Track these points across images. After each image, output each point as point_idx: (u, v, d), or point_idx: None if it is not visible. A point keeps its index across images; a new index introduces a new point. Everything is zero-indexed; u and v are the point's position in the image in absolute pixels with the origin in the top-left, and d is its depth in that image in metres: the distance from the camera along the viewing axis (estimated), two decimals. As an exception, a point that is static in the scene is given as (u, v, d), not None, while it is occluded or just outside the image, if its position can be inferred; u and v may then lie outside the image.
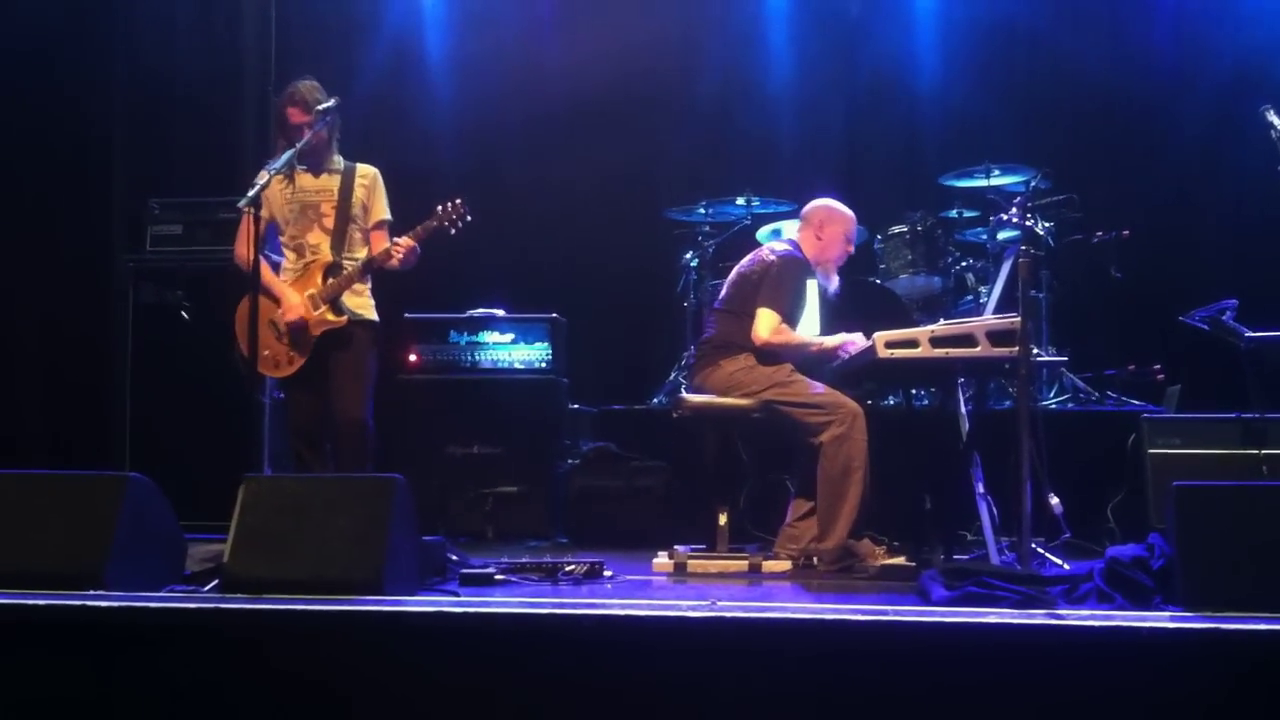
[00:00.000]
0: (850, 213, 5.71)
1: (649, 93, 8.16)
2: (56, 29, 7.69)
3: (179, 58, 7.86)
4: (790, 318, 5.48)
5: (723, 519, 5.36)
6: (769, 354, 5.43)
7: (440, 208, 5.28)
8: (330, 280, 5.25)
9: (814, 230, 5.65)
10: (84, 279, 7.44)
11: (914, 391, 6.22)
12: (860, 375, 5.53)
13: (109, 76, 7.83)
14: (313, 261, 5.29)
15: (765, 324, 5.40)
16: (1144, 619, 3.44)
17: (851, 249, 5.76)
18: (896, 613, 3.47)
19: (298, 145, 5.11)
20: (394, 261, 5.22)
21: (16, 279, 7.60)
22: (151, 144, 7.76)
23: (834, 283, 5.72)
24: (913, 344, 4.79)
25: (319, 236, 5.32)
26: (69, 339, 7.47)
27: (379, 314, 5.44)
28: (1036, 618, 3.43)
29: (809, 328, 5.78)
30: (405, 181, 5.72)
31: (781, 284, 5.47)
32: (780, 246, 5.69)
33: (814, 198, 5.82)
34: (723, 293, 5.75)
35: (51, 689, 3.54)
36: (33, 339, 7.60)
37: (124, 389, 6.42)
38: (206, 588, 4.01)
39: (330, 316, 5.23)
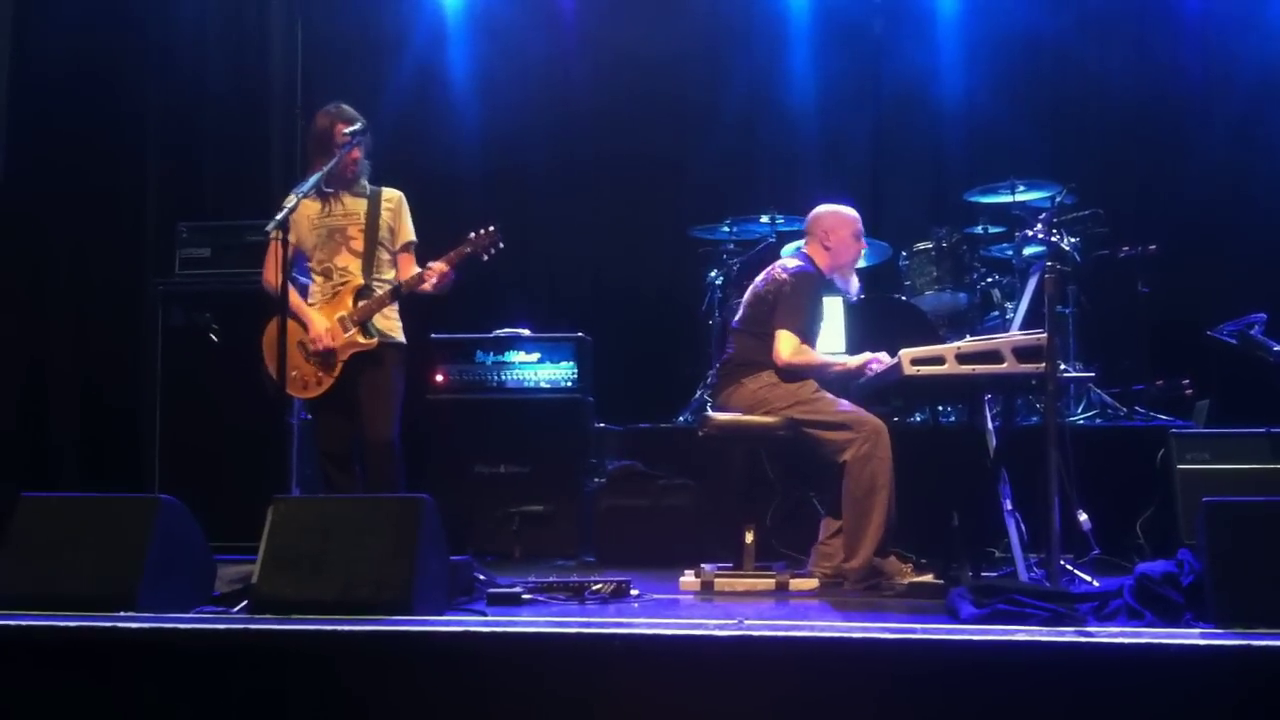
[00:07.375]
0: (851, 211, 5.64)
1: (674, 111, 8.20)
2: (90, 57, 7.78)
3: (209, 82, 7.96)
4: (808, 335, 5.45)
5: (749, 537, 5.34)
6: (791, 372, 5.41)
7: (474, 234, 5.29)
8: (361, 303, 5.27)
9: (820, 240, 5.60)
10: (116, 302, 7.52)
11: (941, 408, 6.20)
12: (887, 392, 5.52)
13: (141, 102, 7.92)
14: (343, 285, 5.30)
15: (786, 345, 5.37)
16: (1174, 636, 3.42)
17: (864, 245, 5.70)
18: (925, 631, 3.46)
19: (325, 169, 5.14)
20: (427, 286, 5.25)
21: (52, 302, 7.69)
22: (183, 167, 7.85)
23: (854, 284, 5.68)
24: (939, 360, 4.78)
25: (348, 259, 5.33)
26: (101, 361, 7.55)
27: (406, 335, 5.46)
28: (1066, 635, 3.40)
29: (833, 344, 5.76)
30: (431, 200, 5.75)
31: (796, 302, 5.43)
32: (792, 263, 5.63)
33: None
34: (739, 312, 5.71)
35: (83, 710, 3.56)
36: (65, 361, 7.68)
37: (154, 411, 6.48)
38: (236, 609, 4.04)
39: (360, 339, 5.25)
